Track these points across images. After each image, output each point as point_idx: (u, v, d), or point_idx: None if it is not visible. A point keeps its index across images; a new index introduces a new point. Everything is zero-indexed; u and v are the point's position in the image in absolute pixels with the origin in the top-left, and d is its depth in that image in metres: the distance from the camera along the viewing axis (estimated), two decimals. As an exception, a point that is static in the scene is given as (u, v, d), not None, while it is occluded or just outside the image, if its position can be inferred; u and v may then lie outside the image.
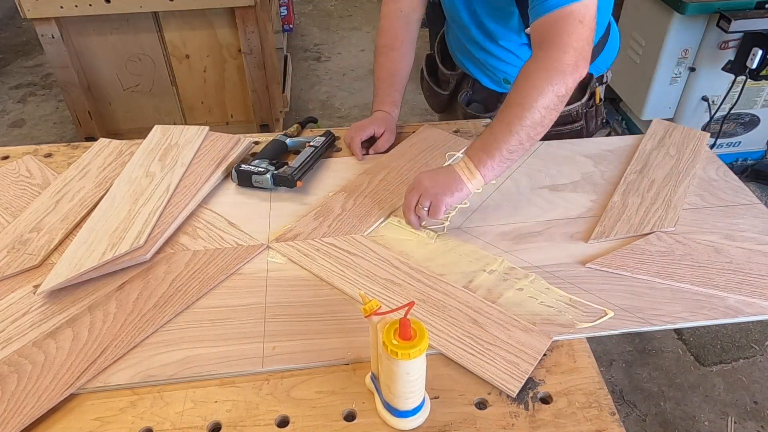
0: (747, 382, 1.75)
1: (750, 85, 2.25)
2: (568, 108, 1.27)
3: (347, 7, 4.42)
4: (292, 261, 0.96)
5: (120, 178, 1.12)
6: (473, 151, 0.99)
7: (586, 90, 1.28)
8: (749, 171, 2.52)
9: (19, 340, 0.83)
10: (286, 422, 0.73)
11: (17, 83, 3.44)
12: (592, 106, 1.31)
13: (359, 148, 1.22)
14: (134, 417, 0.74)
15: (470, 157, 0.98)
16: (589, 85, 1.29)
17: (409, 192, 1.00)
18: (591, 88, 1.29)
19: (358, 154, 1.22)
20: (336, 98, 3.28)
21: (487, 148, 0.97)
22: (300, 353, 0.81)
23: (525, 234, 1.01)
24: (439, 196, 0.96)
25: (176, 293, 0.89)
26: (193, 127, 1.25)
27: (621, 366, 1.81)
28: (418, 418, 0.72)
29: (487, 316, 0.85)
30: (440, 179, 0.98)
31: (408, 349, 0.63)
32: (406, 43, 1.29)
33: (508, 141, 0.95)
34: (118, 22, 2.20)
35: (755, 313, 0.86)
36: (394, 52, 1.28)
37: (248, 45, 2.25)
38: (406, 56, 1.29)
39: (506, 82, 1.30)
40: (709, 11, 2.11)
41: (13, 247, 0.99)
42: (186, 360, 0.80)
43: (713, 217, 1.04)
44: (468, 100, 1.39)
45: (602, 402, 0.74)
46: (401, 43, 1.28)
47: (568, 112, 1.28)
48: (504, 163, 0.97)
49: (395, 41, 1.28)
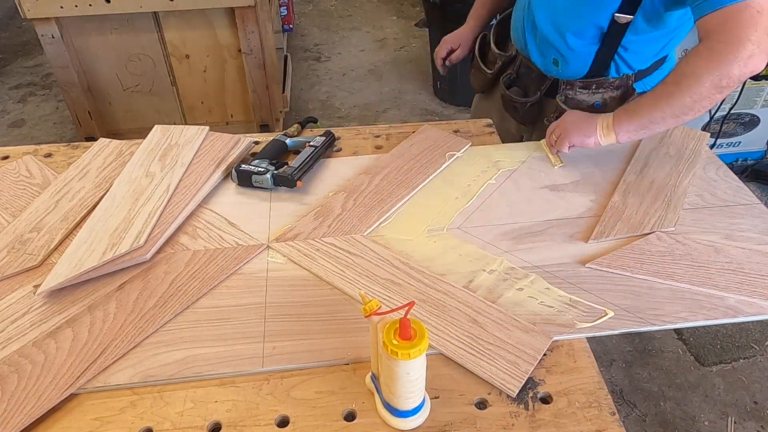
0: (747, 382, 1.75)
1: (750, 85, 2.25)
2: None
3: (347, 7, 4.42)
4: (292, 261, 0.96)
5: (120, 178, 1.12)
6: (619, 110, 1.07)
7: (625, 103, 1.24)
8: (749, 171, 2.52)
9: (19, 340, 0.83)
10: (286, 422, 0.73)
11: (17, 83, 3.44)
12: None
13: (441, 63, 1.52)
14: (134, 417, 0.74)
15: (614, 115, 1.07)
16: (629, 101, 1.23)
17: (554, 124, 1.17)
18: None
19: (442, 69, 1.53)
20: (336, 98, 3.28)
21: (631, 112, 1.05)
22: (300, 353, 0.81)
23: (525, 234, 1.01)
24: (570, 132, 1.11)
25: (176, 293, 0.90)
26: (193, 127, 1.25)
27: (621, 366, 1.81)
28: (418, 418, 0.72)
29: (487, 316, 0.85)
30: (580, 121, 1.12)
31: (408, 349, 0.63)
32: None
33: (652, 113, 1.02)
34: (118, 22, 2.20)
35: (755, 313, 0.86)
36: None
37: (248, 45, 2.25)
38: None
39: (555, 62, 1.26)
40: (709, 11, 2.11)
41: (13, 247, 0.99)
42: (186, 360, 0.80)
43: (713, 217, 1.04)
44: (509, 82, 1.38)
45: (602, 402, 0.74)
46: None
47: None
48: (642, 131, 1.05)
49: None
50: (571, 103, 1.26)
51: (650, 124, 1.03)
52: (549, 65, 1.28)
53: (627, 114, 1.05)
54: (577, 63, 1.23)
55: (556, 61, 1.26)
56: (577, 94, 1.26)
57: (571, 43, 1.21)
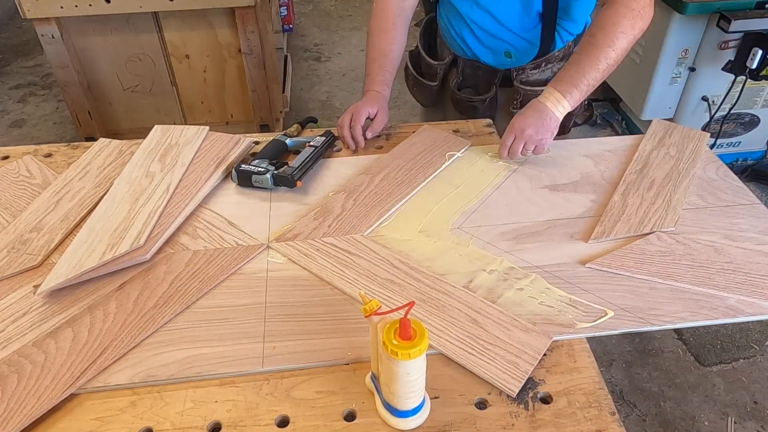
0: (747, 382, 1.75)
1: (750, 85, 2.25)
2: None
3: (347, 7, 4.42)
4: (292, 261, 0.96)
5: (120, 178, 1.12)
6: (561, 84, 1.11)
7: None
8: (749, 171, 2.52)
9: (19, 340, 0.83)
10: (286, 422, 0.73)
11: (17, 83, 3.44)
12: None
13: (361, 136, 1.23)
14: (134, 417, 0.74)
15: (558, 89, 1.11)
16: None
17: (507, 137, 1.14)
18: None
19: (361, 143, 1.23)
20: (336, 98, 3.28)
21: (574, 81, 1.10)
22: (300, 353, 0.81)
23: (525, 234, 1.01)
24: (544, 140, 1.12)
25: (176, 293, 0.89)
26: (193, 127, 1.25)
27: (621, 366, 1.81)
28: (418, 418, 0.72)
29: (487, 316, 0.85)
30: (538, 123, 1.11)
31: (408, 349, 0.63)
32: (398, 26, 1.30)
33: (593, 75, 1.10)
34: (118, 22, 2.19)
35: (755, 313, 0.86)
36: (385, 34, 1.29)
37: (248, 45, 2.25)
38: (397, 39, 1.30)
39: (508, 55, 1.31)
40: (709, 11, 2.11)
41: (13, 247, 0.99)
42: (186, 360, 0.80)
43: (713, 217, 1.04)
44: (459, 85, 1.40)
45: (602, 402, 0.74)
46: (393, 26, 1.29)
47: None
48: (583, 95, 1.12)
49: (387, 23, 1.29)
50: (527, 83, 1.33)
51: (588, 88, 1.11)
52: (501, 59, 1.33)
53: (572, 83, 1.10)
54: (528, 47, 1.29)
55: (508, 53, 1.31)
56: (530, 75, 1.32)
57: (518, 32, 1.27)
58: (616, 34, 1.08)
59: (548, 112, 1.11)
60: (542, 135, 1.11)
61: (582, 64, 1.10)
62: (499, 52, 1.31)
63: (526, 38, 1.27)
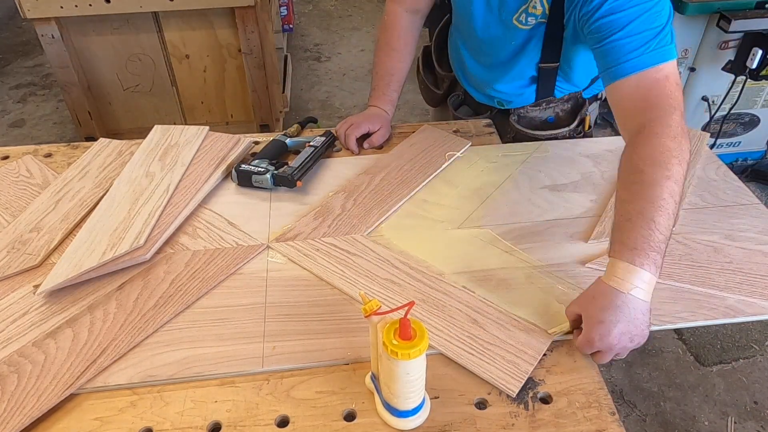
0: (747, 382, 1.75)
1: (750, 85, 2.25)
2: (556, 131, 1.28)
3: (347, 7, 4.41)
4: (292, 261, 0.96)
5: (120, 178, 1.12)
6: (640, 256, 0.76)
7: (577, 115, 1.27)
8: (749, 171, 2.52)
9: (19, 340, 0.83)
10: (286, 422, 0.73)
11: (17, 83, 3.44)
12: (581, 132, 1.30)
13: (355, 143, 1.23)
14: (134, 417, 0.74)
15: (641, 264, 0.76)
16: (581, 111, 1.27)
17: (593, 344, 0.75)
18: (582, 114, 1.28)
19: (355, 150, 1.22)
20: (336, 98, 3.28)
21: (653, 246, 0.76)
22: (300, 353, 0.81)
23: (525, 234, 1.01)
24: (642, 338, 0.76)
25: (176, 293, 0.89)
26: (193, 127, 1.25)
27: (621, 366, 1.81)
28: (418, 418, 0.72)
29: (487, 316, 0.85)
30: (635, 333, 0.75)
31: (408, 349, 0.63)
32: (407, 44, 1.29)
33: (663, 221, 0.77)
34: (118, 22, 2.19)
35: (755, 313, 0.86)
36: (394, 51, 1.28)
37: (248, 45, 2.25)
38: (406, 57, 1.30)
39: (500, 104, 1.30)
40: (709, 11, 2.11)
41: (13, 247, 0.99)
42: (186, 360, 0.80)
43: (713, 217, 1.04)
44: (459, 103, 1.41)
45: (602, 402, 0.74)
46: (403, 43, 1.28)
47: (555, 135, 1.28)
48: (663, 253, 0.78)
49: (397, 41, 1.28)
50: (523, 121, 1.29)
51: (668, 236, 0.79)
52: (494, 104, 1.32)
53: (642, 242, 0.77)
54: (521, 100, 1.27)
55: (500, 102, 1.30)
56: (528, 112, 1.29)
57: (509, 91, 1.25)
58: (672, 162, 0.80)
59: (628, 303, 0.75)
60: (639, 339, 0.76)
61: (650, 215, 0.77)
62: (492, 100, 1.31)
63: (520, 93, 1.25)
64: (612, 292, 0.76)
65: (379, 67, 1.29)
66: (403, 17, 1.28)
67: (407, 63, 1.30)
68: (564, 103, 1.27)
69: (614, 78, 0.91)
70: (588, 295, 0.79)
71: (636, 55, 0.88)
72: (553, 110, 1.28)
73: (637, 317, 0.75)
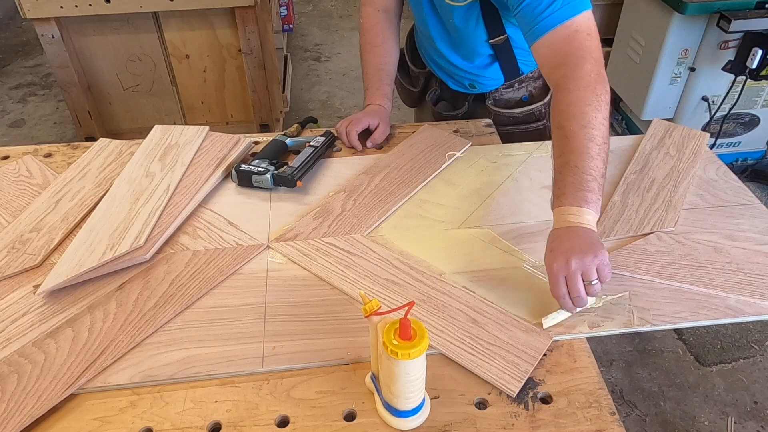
0: (747, 382, 1.75)
1: (750, 85, 2.25)
2: (532, 107, 1.30)
3: (347, 7, 4.42)
4: (292, 261, 0.96)
5: (120, 178, 1.12)
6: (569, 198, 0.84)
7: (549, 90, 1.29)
8: (749, 171, 2.52)
9: (19, 340, 0.83)
10: (286, 422, 0.73)
11: (17, 83, 3.44)
12: None
13: (357, 140, 1.23)
14: (134, 417, 0.74)
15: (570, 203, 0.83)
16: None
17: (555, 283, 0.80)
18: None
19: (358, 146, 1.23)
20: (336, 98, 3.28)
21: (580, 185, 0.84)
22: (300, 353, 0.81)
23: (525, 234, 1.01)
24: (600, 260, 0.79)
25: (176, 293, 0.89)
26: (193, 127, 1.25)
27: (621, 366, 1.81)
28: (418, 418, 0.72)
29: (487, 316, 0.85)
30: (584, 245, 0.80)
31: (408, 349, 0.63)
32: (388, 39, 1.31)
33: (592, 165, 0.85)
34: (118, 22, 2.19)
35: (755, 313, 0.86)
36: (377, 48, 1.30)
37: (248, 45, 2.25)
38: (390, 51, 1.31)
39: (472, 86, 1.32)
40: (709, 11, 2.11)
41: (13, 247, 0.99)
42: (186, 360, 0.80)
43: (713, 217, 1.04)
44: (436, 98, 1.42)
45: (602, 402, 0.74)
46: (383, 39, 1.30)
47: (531, 111, 1.31)
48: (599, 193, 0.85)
49: (377, 38, 1.30)
50: (499, 103, 1.32)
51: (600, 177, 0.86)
52: (466, 88, 1.34)
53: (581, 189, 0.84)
54: (491, 79, 1.29)
55: (472, 84, 1.32)
56: (503, 94, 1.32)
57: (475, 71, 1.27)
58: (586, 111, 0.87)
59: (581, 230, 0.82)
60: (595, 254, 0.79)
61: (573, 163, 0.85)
62: (462, 83, 1.33)
63: (486, 75, 1.27)
64: (554, 233, 0.84)
65: (367, 66, 1.31)
66: (376, 16, 1.30)
67: (393, 57, 1.32)
68: (535, 81, 1.30)
69: (532, 41, 0.96)
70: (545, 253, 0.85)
71: (545, 16, 0.93)
72: (526, 89, 1.31)
73: (580, 234, 0.81)
